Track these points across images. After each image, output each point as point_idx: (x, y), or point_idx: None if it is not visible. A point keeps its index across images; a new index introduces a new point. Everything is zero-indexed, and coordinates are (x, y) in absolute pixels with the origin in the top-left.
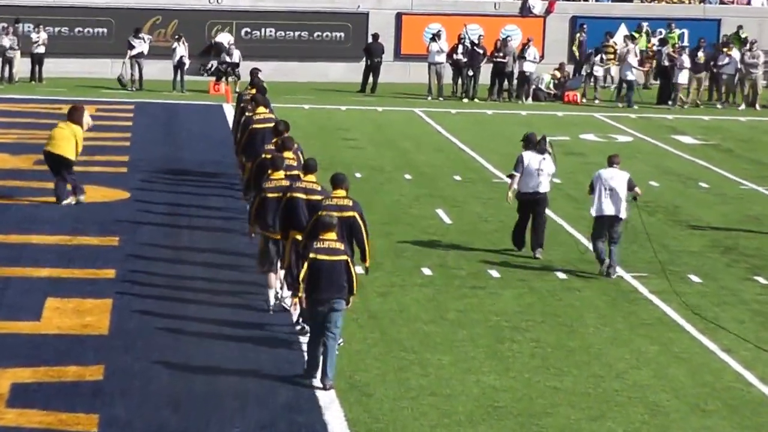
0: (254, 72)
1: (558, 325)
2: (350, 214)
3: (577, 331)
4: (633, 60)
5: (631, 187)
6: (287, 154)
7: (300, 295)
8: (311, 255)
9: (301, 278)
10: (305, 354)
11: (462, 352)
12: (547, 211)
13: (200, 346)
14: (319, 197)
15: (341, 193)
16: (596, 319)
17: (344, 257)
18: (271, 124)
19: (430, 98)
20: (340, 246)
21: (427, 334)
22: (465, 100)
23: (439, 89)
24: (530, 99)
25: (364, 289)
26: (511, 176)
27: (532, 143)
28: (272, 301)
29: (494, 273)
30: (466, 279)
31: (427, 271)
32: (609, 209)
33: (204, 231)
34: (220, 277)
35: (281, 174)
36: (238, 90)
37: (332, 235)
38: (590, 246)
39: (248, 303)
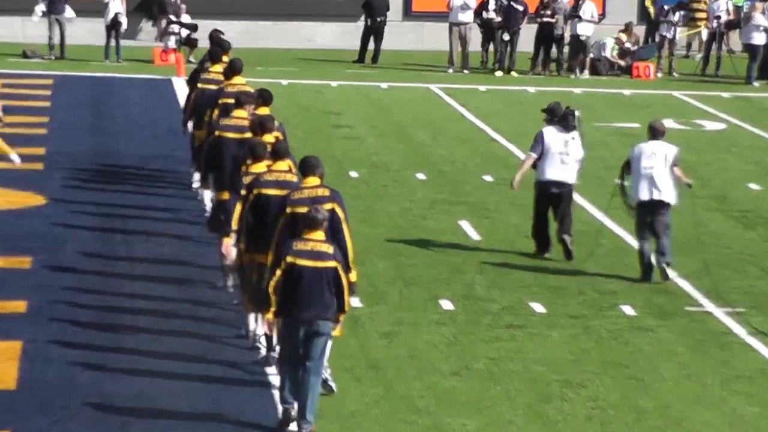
0: (215, 35)
1: (624, 379)
2: (329, 206)
3: (649, 387)
4: (762, 19)
5: (675, 163)
6: (266, 137)
7: (270, 313)
8: (289, 258)
9: (271, 289)
10: (278, 397)
11: (495, 415)
12: (607, 223)
13: (141, 399)
14: (327, 192)
15: (314, 180)
16: (676, 369)
17: (332, 263)
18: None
19: (451, 70)
20: (328, 249)
21: (447, 390)
22: (499, 74)
23: (464, 59)
24: (587, 72)
25: (362, 328)
26: (526, 159)
27: (557, 116)
28: (251, 328)
29: (537, 307)
30: (500, 315)
31: (446, 304)
32: (652, 193)
33: (147, 244)
34: (169, 305)
35: (263, 166)
36: (192, 59)
37: (319, 235)
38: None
39: (210, 334)
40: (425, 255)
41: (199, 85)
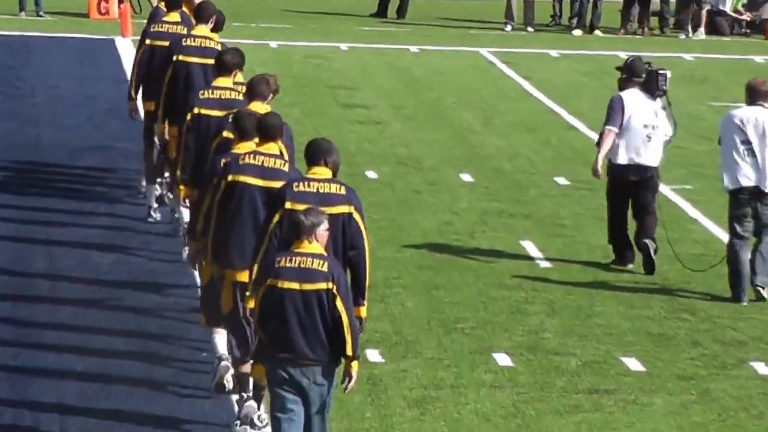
0: None
1: None
2: (342, 209)
3: None
4: None
5: None
6: (256, 105)
7: (257, 364)
8: (269, 280)
9: (256, 321)
10: None
11: None
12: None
13: None
14: (342, 190)
15: (324, 172)
16: None
17: (325, 284)
18: (211, 60)
19: (509, 28)
20: (321, 265)
21: None
22: (577, 33)
23: (528, 11)
24: (702, 30)
25: (383, 393)
26: (602, 137)
27: (638, 76)
28: (218, 377)
29: (631, 363)
30: (580, 375)
31: (503, 359)
32: (753, 177)
33: (81, 260)
34: (103, 339)
35: (251, 145)
36: (139, 10)
37: (312, 246)
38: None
39: (167, 379)
40: (473, 289)
41: (147, 42)
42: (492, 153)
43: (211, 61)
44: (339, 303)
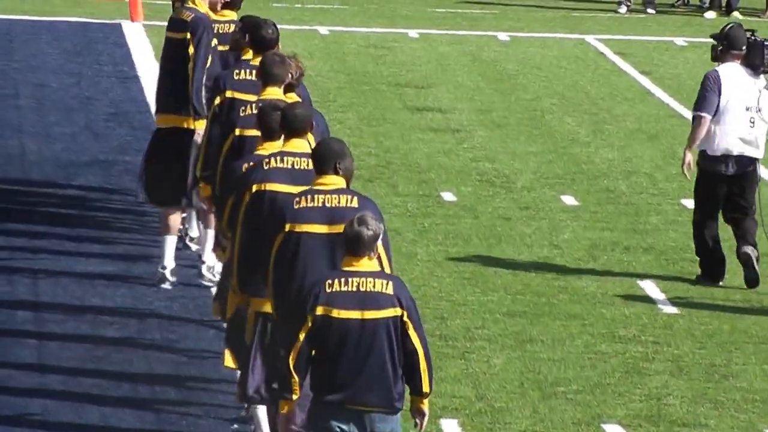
0: None
1: None
2: None
3: None
4: None
5: None
6: (272, 91)
7: (289, 403)
8: (319, 308)
9: (291, 363)
10: None
11: None
12: None
13: None
14: (354, 202)
15: (334, 181)
16: None
17: (394, 311)
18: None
19: (624, 9)
20: (385, 286)
21: None
22: (710, 15)
23: None
24: None
25: None
26: (697, 123)
27: (738, 48)
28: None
29: None
30: None
31: None
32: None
33: (74, 302)
34: (101, 385)
35: (276, 145)
36: None
37: (368, 264)
38: None
39: None
40: (577, 342)
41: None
42: (602, 169)
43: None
44: (412, 332)
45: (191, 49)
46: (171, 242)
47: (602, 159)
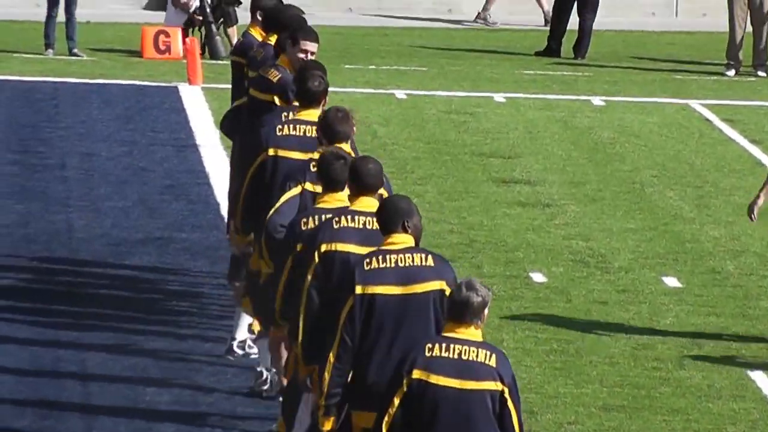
0: (268, 3)
1: None
2: (434, 286)
3: None
4: None
5: None
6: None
7: None
8: (416, 372)
9: (384, 427)
10: None
11: None
12: None
13: None
14: (429, 261)
15: (403, 240)
16: None
17: (494, 385)
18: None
19: (732, 72)
20: (489, 358)
21: None
22: None
23: (758, 49)
24: None
25: None
26: None
27: None
28: None
29: None
30: None
31: None
32: None
33: (127, 400)
34: None
35: (340, 198)
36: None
37: (472, 333)
38: None
39: None
40: None
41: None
42: (708, 248)
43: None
44: (512, 408)
45: None
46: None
47: (708, 237)
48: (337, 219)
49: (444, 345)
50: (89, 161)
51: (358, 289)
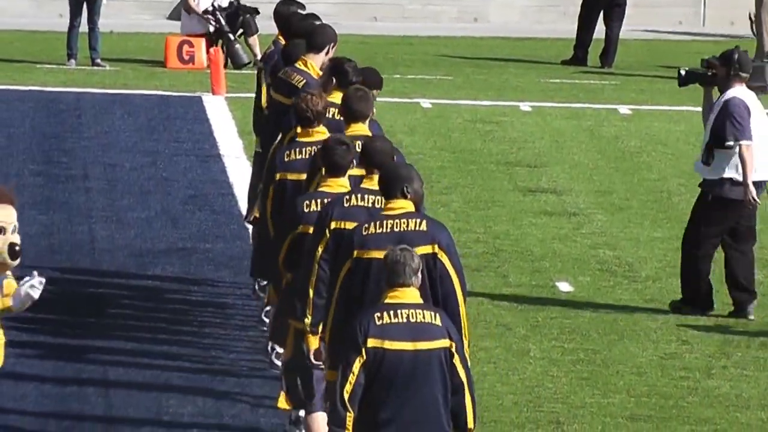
0: (286, 11)
1: None
2: (425, 249)
3: None
4: None
5: None
6: (357, 128)
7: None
8: (371, 341)
9: (346, 396)
10: None
11: None
12: None
13: None
14: (423, 226)
15: (403, 205)
16: None
17: (444, 342)
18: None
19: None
20: (433, 317)
21: None
22: None
23: None
24: None
25: None
26: (742, 157)
27: (745, 71)
28: None
29: None
30: None
31: None
32: None
33: (150, 411)
34: None
35: (344, 182)
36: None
37: (412, 294)
38: None
39: None
40: None
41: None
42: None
43: None
44: (458, 363)
45: None
46: None
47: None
48: (347, 197)
49: (392, 312)
50: (112, 172)
51: (355, 253)
